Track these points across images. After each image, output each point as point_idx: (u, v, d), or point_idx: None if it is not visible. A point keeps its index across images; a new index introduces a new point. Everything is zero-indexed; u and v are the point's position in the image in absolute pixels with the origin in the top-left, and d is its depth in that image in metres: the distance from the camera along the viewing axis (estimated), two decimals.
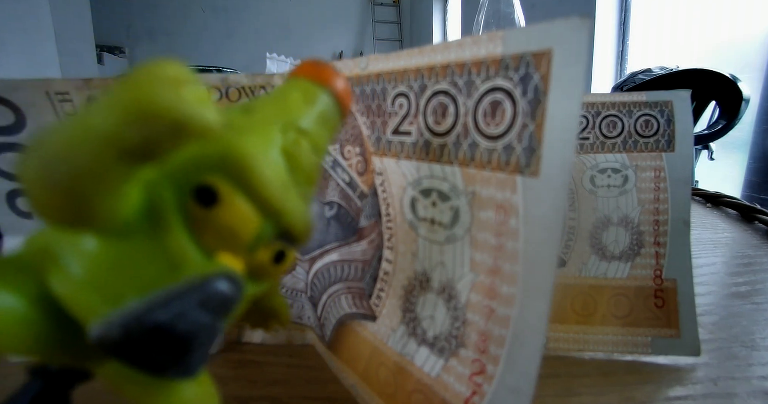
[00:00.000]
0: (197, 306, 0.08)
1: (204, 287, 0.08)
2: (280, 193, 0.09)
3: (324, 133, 0.11)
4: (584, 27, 0.09)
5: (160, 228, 0.09)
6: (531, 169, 0.10)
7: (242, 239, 0.09)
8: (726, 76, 0.77)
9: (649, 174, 0.20)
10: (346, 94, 0.12)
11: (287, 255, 0.10)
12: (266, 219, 0.09)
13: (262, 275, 0.10)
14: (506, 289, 0.11)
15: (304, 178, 0.10)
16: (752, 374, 0.18)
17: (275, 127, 0.10)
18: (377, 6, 3.13)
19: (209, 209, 0.08)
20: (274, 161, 0.09)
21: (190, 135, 0.07)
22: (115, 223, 0.08)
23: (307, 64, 0.12)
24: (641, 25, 1.38)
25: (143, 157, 0.07)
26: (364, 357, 0.16)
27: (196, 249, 0.09)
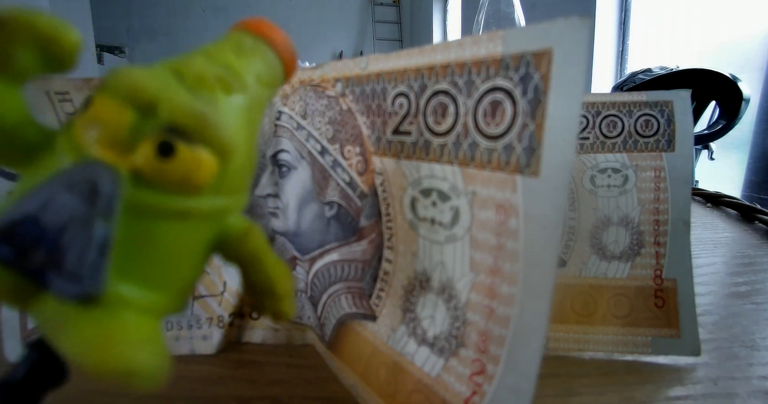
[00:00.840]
0: (64, 192, 0.08)
1: (68, 174, 0.08)
2: (149, 87, 0.09)
3: (241, 59, 0.11)
4: (584, 27, 0.09)
5: (52, 149, 0.09)
6: (531, 168, 0.10)
7: (111, 130, 0.09)
8: (726, 75, 0.77)
9: (650, 174, 0.20)
10: (287, 46, 0.12)
11: (178, 149, 0.09)
12: (141, 114, 0.09)
13: (151, 175, 0.09)
14: (506, 289, 0.11)
15: (195, 82, 0.10)
16: (752, 374, 0.18)
17: (175, 57, 0.10)
18: (377, 6, 3.13)
19: (83, 113, 0.09)
20: (146, 69, 0.09)
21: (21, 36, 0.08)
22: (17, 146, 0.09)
23: (247, 19, 0.12)
24: (641, 24, 1.38)
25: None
26: (364, 357, 0.16)
27: (71, 147, 0.09)
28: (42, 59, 0.09)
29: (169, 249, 0.10)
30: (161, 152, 0.09)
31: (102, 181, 0.08)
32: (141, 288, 0.09)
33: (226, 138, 0.10)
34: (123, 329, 0.08)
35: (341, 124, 0.17)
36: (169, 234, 0.10)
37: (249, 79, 0.11)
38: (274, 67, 0.12)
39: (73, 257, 0.08)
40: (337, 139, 0.17)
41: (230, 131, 0.10)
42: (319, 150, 0.18)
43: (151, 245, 0.09)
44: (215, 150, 0.09)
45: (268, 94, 0.12)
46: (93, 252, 0.08)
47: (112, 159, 0.09)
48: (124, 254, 0.08)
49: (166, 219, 0.09)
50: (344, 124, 0.17)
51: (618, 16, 1.41)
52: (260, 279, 0.12)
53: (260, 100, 0.12)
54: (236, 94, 0.10)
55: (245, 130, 0.11)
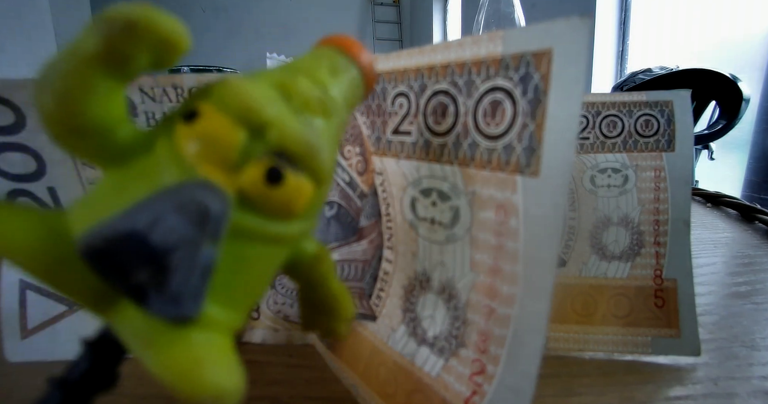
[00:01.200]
0: (173, 213, 0.07)
1: (178, 193, 0.08)
2: (261, 106, 0.09)
3: (335, 80, 0.11)
4: (584, 27, 0.09)
5: (151, 153, 0.09)
6: (531, 168, 0.10)
7: (223, 150, 0.08)
8: (726, 75, 0.77)
9: (650, 174, 0.20)
10: (371, 66, 0.12)
11: (286, 176, 0.09)
12: (251, 134, 0.09)
13: (257, 199, 0.09)
14: (506, 289, 0.11)
15: (302, 103, 0.10)
16: (752, 374, 0.18)
17: (274, 72, 0.10)
18: (377, 6, 3.13)
19: (190, 124, 0.09)
20: (259, 84, 0.09)
21: (148, 39, 0.08)
22: (110, 142, 0.09)
23: (336, 35, 0.12)
24: (641, 24, 1.38)
25: (116, 65, 0.08)
26: (364, 357, 0.16)
27: (176, 161, 0.08)
28: (154, 60, 0.08)
29: (256, 271, 0.10)
30: (270, 178, 0.09)
31: (214, 205, 0.08)
32: (226, 309, 0.09)
33: (326, 166, 0.10)
34: (213, 352, 0.08)
35: None
36: (259, 257, 0.10)
37: (340, 101, 0.11)
38: (359, 88, 0.12)
39: (178, 280, 0.07)
40: None
41: (328, 158, 0.10)
42: None
43: (242, 267, 0.09)
44: (315, 178, 0.09)
45: (350, 114, 0.12)
46: (197, 276, 0.08)
47: (221, 179, 0.08)
48: (217, 275, 0.08)
49: (260, 242, 0.09)
50: (367, 98, 0.17)
51: (618, 16, 1.41)
52: (323, 301, 0.13)
53: (344, 123, 0.12)
54: (331, 118, 0.10)
55: (333, 155, 0.11)
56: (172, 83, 0.18)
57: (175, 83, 0.18)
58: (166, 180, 0.08)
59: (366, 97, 0.13)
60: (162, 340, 0.08)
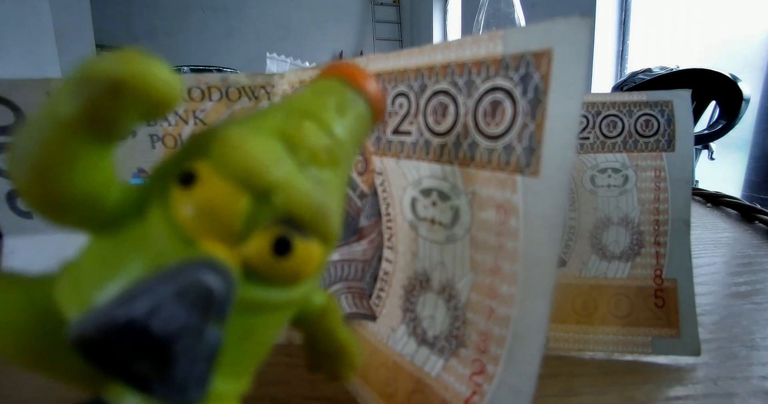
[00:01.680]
0: (174, 299, 0.07)
1: (179, 276, 0.07)
2: (266, 167, 0.08)
3: (343, 119, 0.10)
4: (584, 26, 0.09)
5: (143, 220, 0.08)
6: (531, 168, 0.10)
7: (226, 221, 0.08)
8: (726, 75, 0.77)
9: (650, 174, 0.20)
10: (374, 86, 0.11)
11: (295, 245, 0.08)
12: (256, 200, 0.08)
13: (264, 271, 0.08)
14: (506, 289, 0.11)
15: (309, 157, 0.09)
16: (752, 374, 0.18)
17: (276, 115, 0.09)
18: (377, 6, 3.13)
19: (188, 189, 0.08)
20: (262, 139, 0.08)
21: (135, 98, 0.07)
22: (100, 215, 0.08)
23: (332, 64, 0.11)
24: (641, 24, 1.38)
25: (98, 129, 0.07)
26: (364, 357, 0.16)
27: (176, 235, 0.08)
28: (143, 117, 0.08)
29: (263, 339, 0.09)
30: (278, 249, 0.08)
31: (218, 288, 0.07)
32: (232, 379, 0.09)
33: (337, 228, 0.09)
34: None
35: None
36: (267, 326, 0.09)
37: (349, 145, 0.10)
38: (367, 123, 0.11)
39: (183, 369, 0.07)
40: None
41: (338, 217, 0.09)
42: None
43: (250, 339, 0.09)
44: (324, 240, 0.09)
45: (357, 151, 0.11)
46: (203, 362, 0.07)
47: (224, 252, 0.08)
48: (224, 351, 0.08)
49: (267, 311, 0.09)
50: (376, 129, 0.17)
51: (618, 16, 1.41)
52: (331, 350, 0.12)
53: (352, 164, 0.11)
54: (340, 167, 0.10)
55: (342, 205, 0.10)
56: None
57: None
58: (164, 256, 0.08)
59: (374, 129, 0.12)
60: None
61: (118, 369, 0.07)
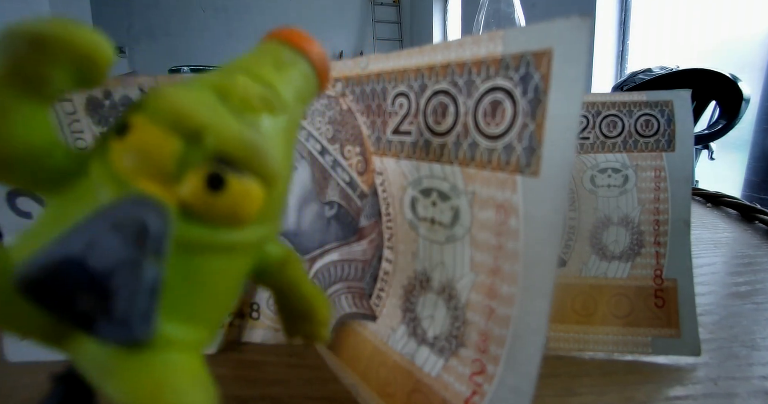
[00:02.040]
0: (109, 234, 0.07)
1: (113, 212, 0.07)
2: (195, 111, 0.08)
3: (281, 75, 0.10)
4: (584, 26, 0.09)
5: (87, 174, 0.08)
6: (531, 168, 0.10)
7: (158, 162, 0.08)
8: (726, 75, 0.76)
9: (650, 174, 0.20)
10: (322, 57, 0.11)
11: (228, 181, 0.08)
12: (187, 141, 0.08)
13: (201, 209, 0.08)
14: (506, 289, 0.11)
15: (241, 104, 0.09)
16: (753, 374, 0.18)
17: (212, 74, 0.10)
18: (377, 6, 3.13)
19: (122, 138, 0.08)
20: (193, 89, 0.09)
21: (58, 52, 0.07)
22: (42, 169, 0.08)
23: (281, 28, 0.11)
24: (641, 24, 1.38)
25: (30, 85, 0.08)
26: (364, 357, 0.16)
27: (111, 178, 0.08)
28: (75, 77, 0.08)
29: (213, 284, 0.09)
30: (211, 185, 0.08)
31: (152, 221, 0.07)
32: (185, 326, 0.09)
33: (274, 166, 0.09)
34: (173, 373, 0.08)
35: (341, 123, 0.17)
36: (214, 269, 0.09)
37: (288, 96, 0.10)
38: (310, 81, 0.11)
39: (123, 303, 0.07)
40: (337, 138, 0.17)
41: (276, 157, 0.09)
42: (319, 150, 0.18)
43: (196, 281, 0.09)
44: (262, 179, 0.09)
45: (303, 109, 0.12)
46: (143, 297, 0.07)
47: (159, 192, 0.08)
48: (169, 292, 0.08)
49: (211, 253, 0.09)
50: (344, 124, 0.17)
51: (618, 16, 1.41)
52: (298, 306, 0.12)
53: (297, 118, 0.11)
54: (278, 114, 0.10)
55: (286, 154, 0.10)
56: None
57: None
58: (102, 199, 0.08)
59: (322, 90, 0.12)
60: (120, 367, 0.07)
61: (60, 308, 0.07)
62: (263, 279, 0.12)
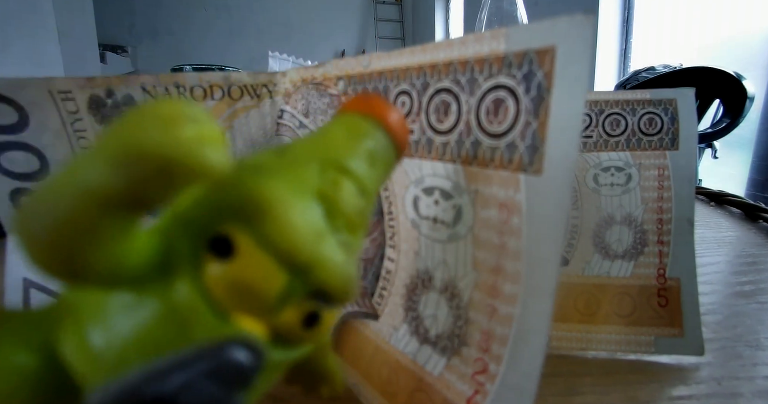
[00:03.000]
0: (206, 378, 0.07)
1: (216, 356, 0.07)
2: (308, 243, 0.08)
3: (374, 172, 0.10)
4: (588, 24, 0.09)
5: (171, 284, 0.07)
6: (534, 167, 0.10)
7: (263, 298, 0.07)
8: (730, 74, 0.76)
9: (653, 172, 0.20)
10: (402, 128, 0.11)
11: (322, 316, 0.08)
12: (293, 275, 0.08)
13: (291, 340, 0.08)
14: (509, 288, 0.11)
15: (345, 224, 0.09)
16: (757, 374, 0.18)
17: (311, 166, 0.09)
18: (379, 4, 3.13)
19: (224, 262, 0.07)
20: (303, 205, 0.08)
21: (185, 178, 0.06)
22: (120, 278, 0.07)
23: (356, 98, 0.11)
24: (644, 22, 1.37)
25: (136, 206, 0.07)
26: (366, 356, 0.16)
27: (209, 308, 0.07)
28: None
29: (265, 388, 0.09)
30: (308, 323, 0.08)
31: (250, 364, 0.07)
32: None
33: (355, 293, 0.09)
34: None
35: None
36: (274, 378, 0.09)
37: (375, 195, 0.10)
38: (392, 165, 0.11)
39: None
40: None
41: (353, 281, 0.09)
42: None
43: (257, 391, 0.09)
44: (344, 304, 0.09)
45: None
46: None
47: (257, 327, 0.08)
48: None
49: (282, 368, 0.09)
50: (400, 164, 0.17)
51: (621, 14, 1.40)
52: (315, 373, 0.12)
53: None
54: (366, 226, 0.09)
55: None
56: (175, 82, 0.18)
57: (178, 82, 0.18)
58: (197, 329, 0.07)
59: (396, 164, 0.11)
60: None
61: None
62: None
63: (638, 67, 0.91)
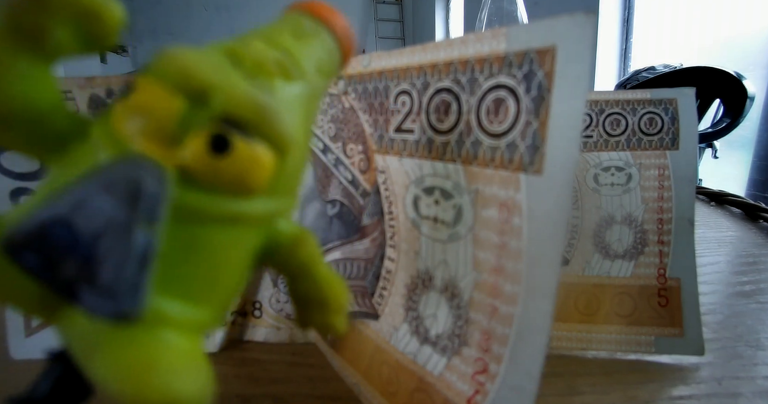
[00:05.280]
0: (99, 194, 0.06)
1: (107, 171, 0.07)
2: (202, 71, 0.08)
3: (301, 43, 0.10)
4: (588, 24, 0.09)
5: (88, 138, 0.08)
6: (534, 166, 0.10)
7: (157, 121, 0.07)
8: (731, 73, 0.76)
9: (653, 172, 0.20)
10: (346, 30, 0.11)
11: (234, 144, 0.08)
12: (192, 101, 0.08)
13: (203, 173, 0.08)
14: (509, 288, 0.11)
15: (254, 68, 0.09)
16: (757, 374, 0.18)
17: (229, 41, 0.09)
18: (379, 4, 3.13)
19: (125, 98, 0.08)
20: (200, 52, 0.08)
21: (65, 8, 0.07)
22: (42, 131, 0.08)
23: (304, 1, 0.11)
24: (645, 22, 1.37)
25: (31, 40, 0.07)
26: (366, 356, 0.16)
27: (112, 142, 0.07)
28: (80, 36, 0.07)
29: (215, 258, 0.08)
30: (215, 147, 0.08)
31: (146, 181, 0.07)
32: (183, 303, 0.08)
33: (286, 132, 0.08)
34: (164, 353, 0.07)
35: (343, 122, 0.17)
36: (217, 242, 0.08)
37: (308, 65, 0.10)
38: (333, 54, 0.11)
39: (110, 270, 0.06)
40: (340, 137, 0.17)
41: (290, 124, 0.08)
42: (321, 148, 0.18)
43: (196, 254, 0.08)
44: (273, 145, 0.08)
45: (326, 83, 0.11)
46: (132, 265, 0.07)
47: (158, 154, 0.07)
48: (166, 264, 0.07)
49: (214, 224, 0.08)
50: (346, 122, 0.17)
51: (621, 14, 1.40)
52: (312, 292, 0.11)
53: (318, 90, 0.10)
54: (295, 81, 0.09)
55: (303, 123, 0.09)
56: None
57: None
58: (97, 159, 0.07)
59: (345, 64, 0.11)
60: (106, 343, 0.07)
61: (45, 273, 0.07)
62: (273, 260, 0.11)
63: (638, 67, 0.91)
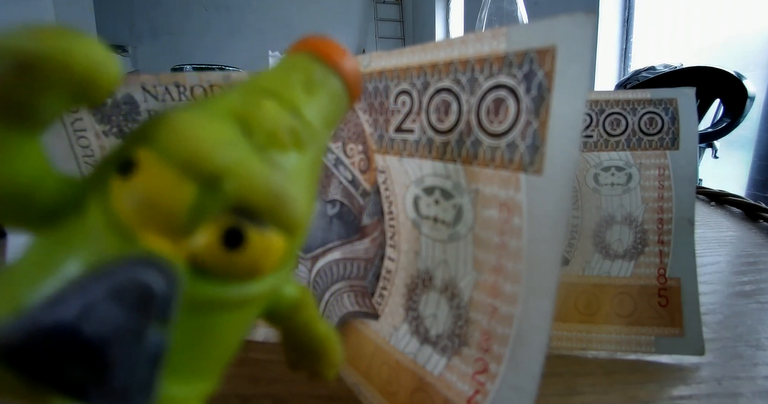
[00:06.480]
0: (108, 299, 0.06)
1: (114, 274, 0.06)
2: (214, 151, 0.07)
3: (312, 98, 0.09)
4: (588, 23, 0.09)
5: (83, 214, 0.07)
6: (535, 166, 0.10)
7: (167, 211, 0.07)
8: (731, 73, 0.76)
9: (653, 172, 0.20)
10: (356, 73, 0.10)
11: (249, 236, 0.07)
12: (203, 187, 0.07)
13: (215, 266, 0.07)
14: (509, 288, 0.11)
15: (267, 140, 0.08)
16: (757, 374, 0.18)
17: (234, 95, 0.08)
18: (379, 4, 3.13)
19: (127, 179, 0.07)
20: (212, 121, 0.07)
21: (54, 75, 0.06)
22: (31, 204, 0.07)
23: (310, 38, 0.10)
24: (645, 22, 1.37)
25: (16, 115, 0.06)
26: (366, 356, 0.16)
27: (114, 230, 0.07)
28: (71, 99, 0.07)
29: (223, 338, 0.08)
30: (228, 242, 0.07)
31: (158, 286, 0.06)
32: (191, 383, 0.08)
33: (300, 215, 0.08)
34: None
35: (343, 121, 0.17)
36: (225, 325, 0.08)
37: (318, 123, 0.09)
38: (341, 102, 0.10)
39: (121, 374, 0.06)
40: (340, 136, 0.17)
41: (302, 204, 0.08)
42: None
43: (205, 339, 0.08)
44: (285, 229, 0.08)
45: (330, 132, 0.10)
46: (144, 366, 0.06)
47: (167, 247, 0.07)
48: (175, 353, 0.07)
49: (223, 310, 0.08)
50: (346, 122, 0.17)
51: (621, 14, 1.40)
52: (308, 346, 0.11)
53: (324, 145, 0.10)
54: (307, 149, 0.09)
55: (311, 193, 0.09)
56: (175, 81, 0.18)
57: (178, 81, 0.18)
58: (101, 253, 0.07)
59: (351, 107, 0.11)
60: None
61: (48, 378, 0.06)
62: (273, 319, 0.11)
63: (638, 67, 0.91)
